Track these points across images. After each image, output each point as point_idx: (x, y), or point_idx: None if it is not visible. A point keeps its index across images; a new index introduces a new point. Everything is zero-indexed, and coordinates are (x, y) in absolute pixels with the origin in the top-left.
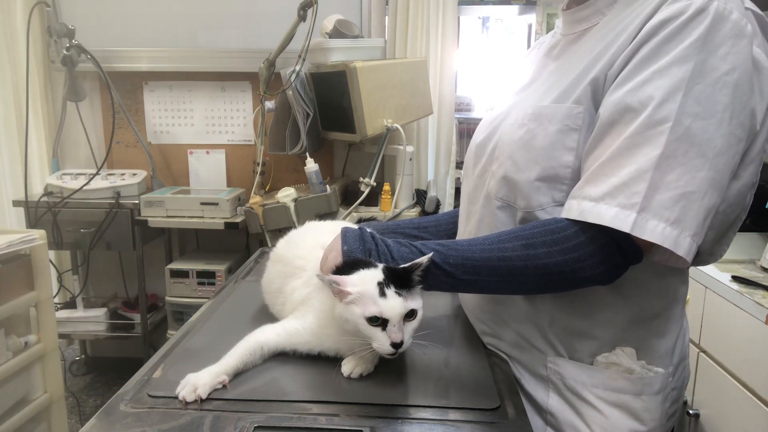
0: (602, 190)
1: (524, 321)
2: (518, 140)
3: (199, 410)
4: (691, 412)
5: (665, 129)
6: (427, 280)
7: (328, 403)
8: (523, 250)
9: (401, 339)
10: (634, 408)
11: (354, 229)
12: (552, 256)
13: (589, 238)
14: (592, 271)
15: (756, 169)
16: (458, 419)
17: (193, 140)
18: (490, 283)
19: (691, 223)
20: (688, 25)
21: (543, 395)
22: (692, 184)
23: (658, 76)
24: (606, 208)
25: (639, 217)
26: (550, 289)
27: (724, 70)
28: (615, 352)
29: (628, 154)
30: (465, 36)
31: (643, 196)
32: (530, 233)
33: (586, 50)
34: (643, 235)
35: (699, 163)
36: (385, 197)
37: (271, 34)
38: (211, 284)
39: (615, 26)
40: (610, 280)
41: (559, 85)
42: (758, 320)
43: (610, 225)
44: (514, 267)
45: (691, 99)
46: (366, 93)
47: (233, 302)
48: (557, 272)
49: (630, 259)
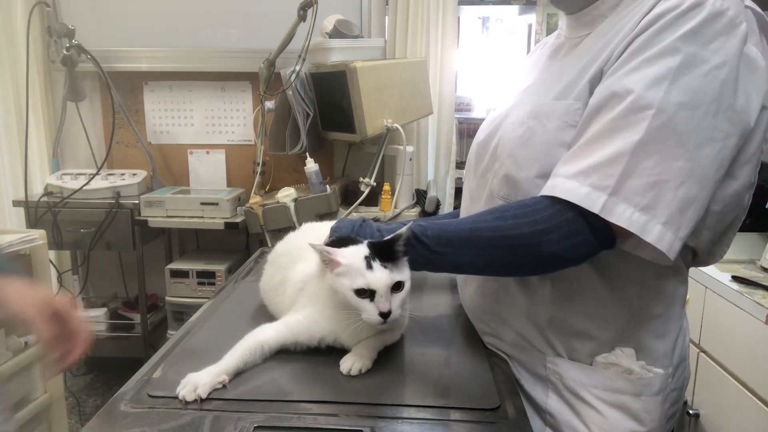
0: (577, 168)
1: (524, 320)
2: (518, 138)
3: (199, 410)
4: (691, 412)
5: (647, 116)
6: (409, 254)
7: (328, 403)
8: (494, 221)
9: (389, 308)
10: (633, 408)
11: (346, 218)
12: (520, 228)
13: (557, 211)
14: (559, 245)
15: (753, 169)
16: (458, 419)
17: (193, 140)
18: (462, 256)
19: (662, 211)
20: (682, 17)
21: (542, 395)
22: (668, 173)
23: (646, 65)
24: (578, 186)
25: (609, 199)
26: (521, 266)
27: (715, 63)
28: (614, 352)
29: (608, 138)
30: (465, 36)
31: (616, 180)
32: (504, 208)
33: (587, 49)
34: (611, 218)
35: (678, 152)
36: (385, 197)
37: (271, 34)
38: (211, 284)
39: (614, 25)
40: (577, 259)
41: (559, 84)
42: (758, 320)
43: (581, 204)
44: (484, 238)
45: (677, 89)
46: (366, 93)
47: (233, 302)
48: (525, 244)
49: (601, 240)
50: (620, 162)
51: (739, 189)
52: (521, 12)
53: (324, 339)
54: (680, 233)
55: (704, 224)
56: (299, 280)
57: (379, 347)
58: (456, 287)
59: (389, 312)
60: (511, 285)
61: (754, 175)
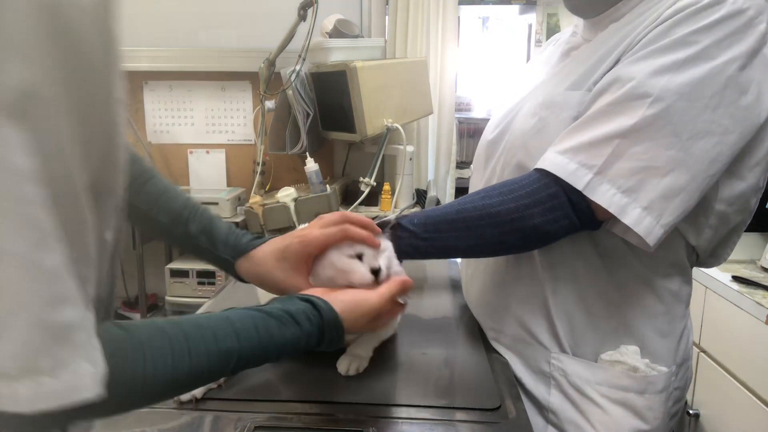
0: (569, 145)
1: (531, 314)
2: (530, 129)
3: (199, 410)
4: (691, 412)
5: (644, 103)
6: (396, 245)
7: (329, 403)
8: (480, 201)
9: (378, 265)
10: (637, 406)
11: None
12: (504, 204)
13: (543, 185)
14: (541, 218)
15: (762, 173)
16: (458, 419)
17: (193, 140)
18: (450, 239)
19: (645, 196)
20: (700, 13)
21: (544, 393)
22: (657, 160)
23: (654, 55)
24: (567, 162)
25: (594, 178)
26: (507, 243)
27: (724, 60)
28: (619, 350)
29: (603, 120)
30: (465, 36)
31: (604, 160)
32: (492, 187)
33: (603, 43)
34: (593, 197)
35: (670, 141)
36: (385, 197)
37: (271, 34)
38: (211, 284)
39: (633, 20)
40: (557, 233)
41: (573, 75)
42: (758, 320)
43: (567, 179)
44: (470, 218)
45: (679, 79)
46: (366, 93)
47: (233, 302)
48: (509, 219)
49: (581, 218)
50: (611, 144)
51: (746, 191)
52: (521, 12)
53: None
54: (662, 220)
55: (707, 223)
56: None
57: (375, 344)
58: (457, 287)
59: (379, 268)
60: (520, 278)
61: (763, 180)
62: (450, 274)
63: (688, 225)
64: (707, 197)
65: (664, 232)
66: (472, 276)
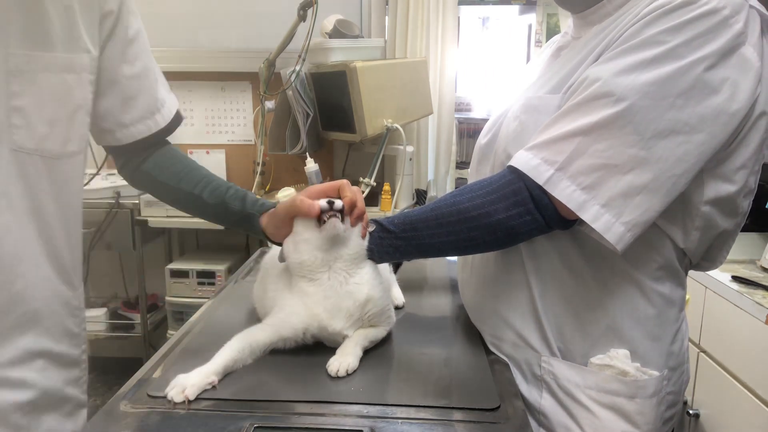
0: (534, 142)
1: (522, 318)
2: (512, 133)
3: (198, 410)
4: (691, 412)
5: (608, 101)
6: (378, 248)
7: (328, 403)
8: (452, 198)
9: (338, 203)
10: (627, 410)
11: None
12: (473, 200)
13: (509, 180)
14: (505, 213)
15: (748, 175)
16: (458, 419)
17: (193, 140)
18: (425, 237)
19: (604, 193)
20: (672, 13)
21: (536, 396)
22: (618, 158)
23: (623, 55)
24: (531, 158)
25: (555, 174)
26: (477, 240)
27: (693, 59)
28: (609, 354)
29: (568, 118)
30: (465, 36)
31: (566, 157)
32: (465, 186)
33: (585, 45)
34: (553, 192)
35: (632, 139)
36: (385, 197)
37: (271, 34)
38: (211, 284)
39: (614, 21)
40: (522, 230)
41: (555, 78)
42: (758, 320)
43: (529, 174)
44: (441, 215)
45: (644, 78)
46: (366, 93)
47: (233, 302)
48: (476, 215)
49: (546, 216)
50: (573, 141)
51: (734, 193)
52: (521, 12)
53: (308, 330)
54: (622, 218)
55: (693, 225)
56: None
57: (365, 344)
58: (457, 287)
59: (333, 203)
60: (509, 282)
61: (753, 183)
62: (449, 274)
63: (672, 226)
64: (691, 199)
65: (628, 231)
66: (466, 280)
